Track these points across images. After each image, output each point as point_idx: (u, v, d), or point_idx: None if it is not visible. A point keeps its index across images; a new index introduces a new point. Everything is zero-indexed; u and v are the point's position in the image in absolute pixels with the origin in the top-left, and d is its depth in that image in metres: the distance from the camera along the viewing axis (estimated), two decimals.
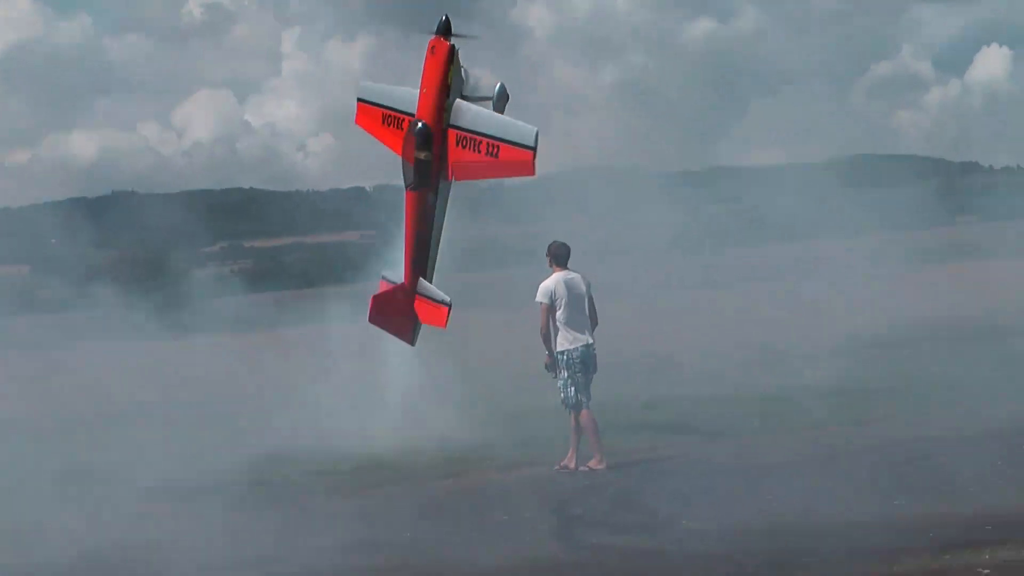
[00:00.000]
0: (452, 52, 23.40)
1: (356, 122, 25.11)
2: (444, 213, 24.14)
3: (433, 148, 23.20)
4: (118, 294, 45.35)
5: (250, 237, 78.86)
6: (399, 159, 23.68)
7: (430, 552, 16.44)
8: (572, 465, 21.33)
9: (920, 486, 17.75)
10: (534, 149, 22.24)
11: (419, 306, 24.09)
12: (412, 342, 24.82)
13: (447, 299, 23.52)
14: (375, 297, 24.11)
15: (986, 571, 12.64)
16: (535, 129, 22.48)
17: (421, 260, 24.05)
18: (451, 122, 23.18)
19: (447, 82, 23.37)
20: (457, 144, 23.15)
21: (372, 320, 24.26)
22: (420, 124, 23.23)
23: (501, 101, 23.59)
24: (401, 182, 23.92)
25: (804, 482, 18.70)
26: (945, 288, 45.81)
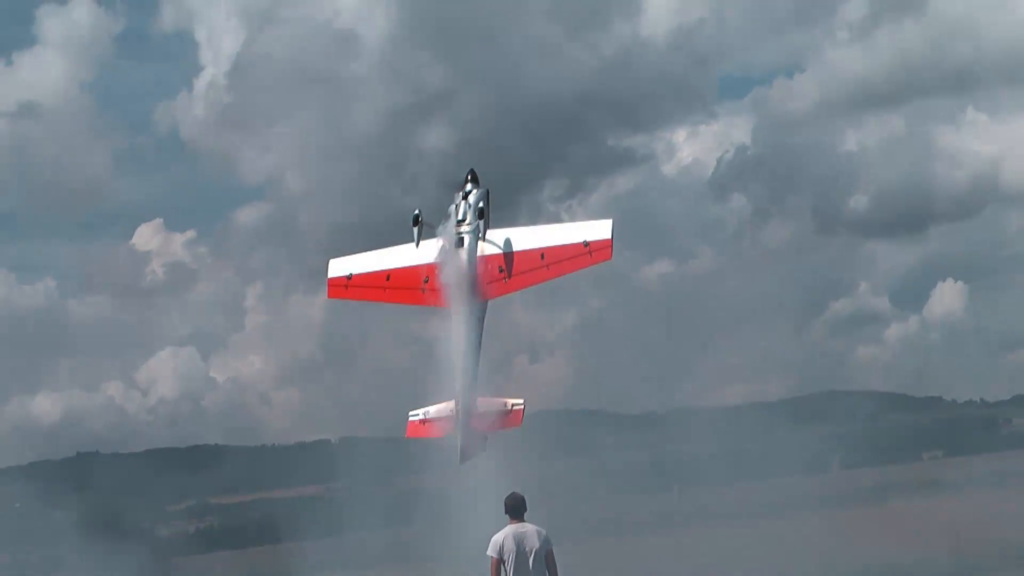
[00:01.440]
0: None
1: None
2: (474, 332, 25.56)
3: None
4: (84, 558, 44.67)
5: (216, 494, 78.16)
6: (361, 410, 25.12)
7: None
8: None
9: None
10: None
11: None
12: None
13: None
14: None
15: None
16: None
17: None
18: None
19: None
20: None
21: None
22: None
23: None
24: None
25: None
26: (913, 526, 45.22)
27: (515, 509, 21.32)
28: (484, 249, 25.62)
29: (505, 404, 25.11)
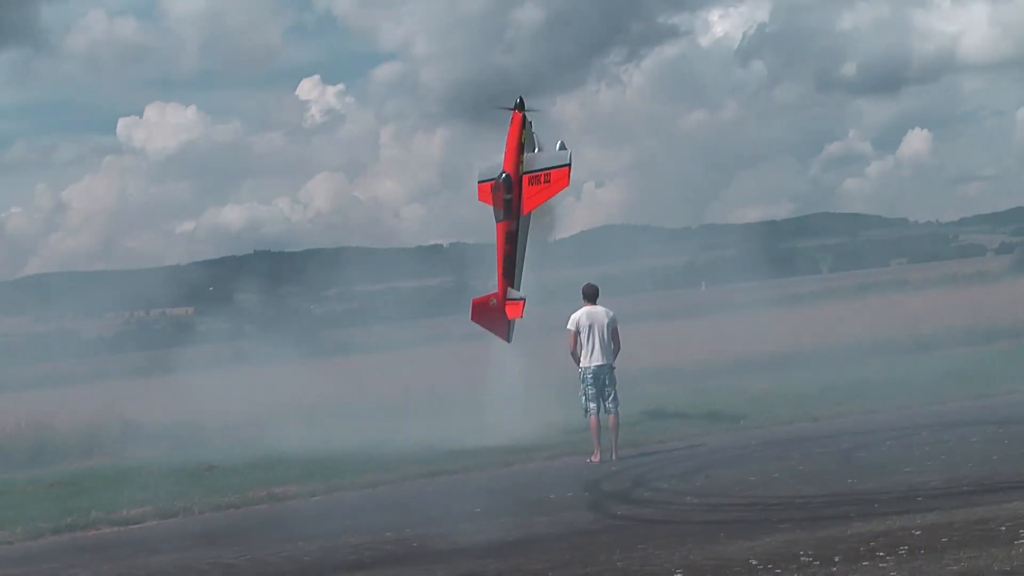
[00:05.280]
0: (523, 121, 24.35)
1: (480, 199, 25.31)
2: (525, 240, 24.59)
3: (513, 190, 24.06)
4: (260, 328, 45.45)
5: (357, 283, 79.03)
6: (472, 216, 24.58)
7: (498, 517, 16.40)
8: (596, 459, 21.22)
9: (866, 467, 17.63)
10: (568, 165, 23.85)
11: (508, 307, 24.47)
12: (508, 339, 25.10)
13: (522, 296, 24.09)
14: (473, 301, 24.56)
15: (918, 532, 12.50)
16: (568, 152, 24.24)
17: (509, 274, 24.48)
18: (524, 170, 24.00)
19: (521, 142, 24.33)
20: (529, 184, 23.92)
21: (473, 319, 24.71)
22: (504, 174, 23.98)
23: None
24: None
25: (776, 464, 18.62)
26: (883, 314, 45.44)
27: (590, 295, 21.91)
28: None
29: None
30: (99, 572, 15.54)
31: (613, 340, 21.64)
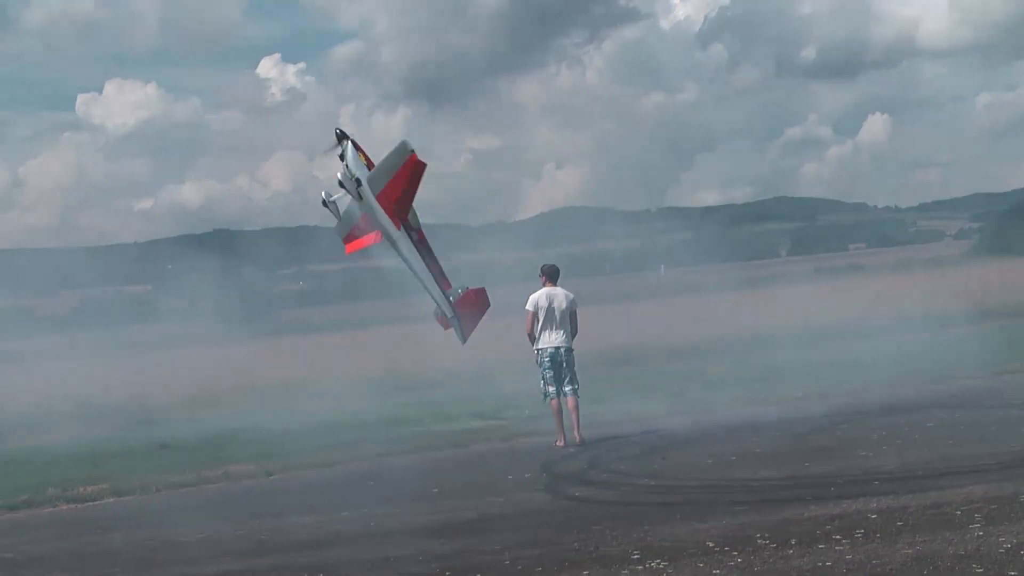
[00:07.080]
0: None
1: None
2: (413, 252, 23.17)
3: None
4: (217, 304, 45.30)
5: (315, 262, 78.88)
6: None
7: (454, 498, 16.39)
8: (561, 443, 21.06)
9: (821, 450, 17.69)
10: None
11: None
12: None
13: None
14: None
15: (873, 516, 12.57)
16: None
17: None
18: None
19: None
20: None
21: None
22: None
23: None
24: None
25: (733, 447, 18.66)
26: (841, 298, 45.68)
27: (550, 275, 21.73)
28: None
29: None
30: (50, 550, 15.44)
31: (571, 323, 21.50)
